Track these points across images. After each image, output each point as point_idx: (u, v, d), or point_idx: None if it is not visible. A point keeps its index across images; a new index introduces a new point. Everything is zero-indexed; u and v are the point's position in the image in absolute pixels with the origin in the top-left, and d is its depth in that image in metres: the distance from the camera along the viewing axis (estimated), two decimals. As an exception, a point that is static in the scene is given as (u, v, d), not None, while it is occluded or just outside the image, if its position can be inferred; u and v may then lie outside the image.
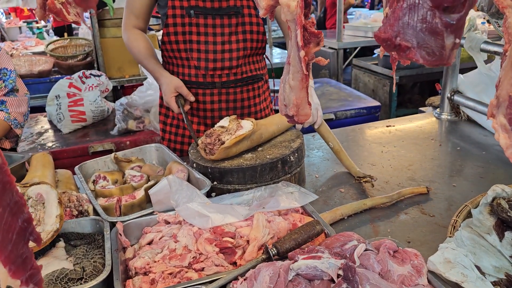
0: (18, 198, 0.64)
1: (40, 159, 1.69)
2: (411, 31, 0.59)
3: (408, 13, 0.59)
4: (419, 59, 0.59)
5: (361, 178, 1.74)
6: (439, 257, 1.12)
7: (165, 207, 1.43)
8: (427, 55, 0.59)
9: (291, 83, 0.96)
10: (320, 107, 1.84)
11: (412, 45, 0.59)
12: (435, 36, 0.59)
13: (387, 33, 0.59)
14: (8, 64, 2.14)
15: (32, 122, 3.60)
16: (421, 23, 0.58)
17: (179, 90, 1.94)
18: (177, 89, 1.94)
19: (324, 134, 1.88)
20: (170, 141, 2.21)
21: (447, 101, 2.42)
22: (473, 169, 1.86)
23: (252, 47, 2.03)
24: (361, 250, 1.13)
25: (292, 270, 1.07)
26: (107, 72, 4.26)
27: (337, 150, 1.86)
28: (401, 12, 0.59)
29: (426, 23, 0.58)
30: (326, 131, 1.87)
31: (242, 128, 1.59)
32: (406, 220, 1.51)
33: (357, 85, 5.24)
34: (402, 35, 0.59)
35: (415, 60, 0.60)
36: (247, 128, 1.59)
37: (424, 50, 0.59)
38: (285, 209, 1.40)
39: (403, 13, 0.59)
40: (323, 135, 1.88)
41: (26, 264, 0.65)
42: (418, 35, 0.59)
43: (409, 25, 0.59)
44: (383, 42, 0.60)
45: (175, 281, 1.14)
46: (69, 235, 1.40)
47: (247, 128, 1.59)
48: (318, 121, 1.83)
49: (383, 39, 0.59)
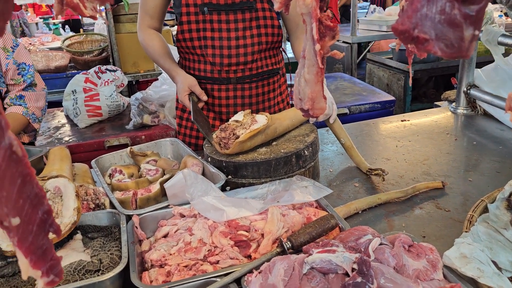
0: (38, 190, 0.65)
1: (58, 153, 1.71)
2: (429, 22, 0.58)
3: (426, 5, 0.58)
4: (437, 51, 0.59)
5: (372, 171, 1.73)
6: (455, 252, 1.11)
7: (180, 201, 1.44)
8: (446, 47, 0.59)
9: (306, 77, 0.96)
10: (334, 103, 1.84)
11: (431, 37, 0.58)
12: (454, 27, 0.58)
13: (405, 25, 0.59)
14: (27, 59, 2.17)
15: (50, 116, 3.65)
16: (439, 15, 0.58)
17: (192, 88, 1.95)
18: (190, 87, 1.95)
19: (337, 130, 1.87)
20: (185, 136, 2.23)
21: (463, 95, 2.39)
22: (489, 163, 1.84)
23: (268, 42, 2.02)
24: (376, 244, 1.12)
25: (306, 263, 1.07)
26: (122, 67, 4.30)
27: (348, 146, 1.86)
28: (419, 4, 0.58)
29: (445, 15, 0.58)
30: (339, 127, 1.87)
31: (257, 122, 1.60)
32: (421, 214, 1.50)
33: (371, 80, 5.20)
34: (420, 27, 0.59)
35: (434, 52, 0.59)
36: (261, 123, 1.60)
37: (443, 42, 0.58)
38: (300, 203, 1.40)
39: (421, 5, 0.58)
40: (335, 131, 1.88)
41: (47, 255, 0.66)
42: (437, 26, 0.58)
43: (427, 17, 0.58)
44: (400, 35, 0.59)
45: (190, 273, 1.15)
46: (86, 227, 1.43)
47: (261, 122, 1.60)
48: (333, 115, 1.82)
49: (401, 31, 0.59)
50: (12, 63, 2.10)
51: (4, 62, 2.07)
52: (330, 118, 1.82)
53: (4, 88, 2.12)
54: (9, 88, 2.14)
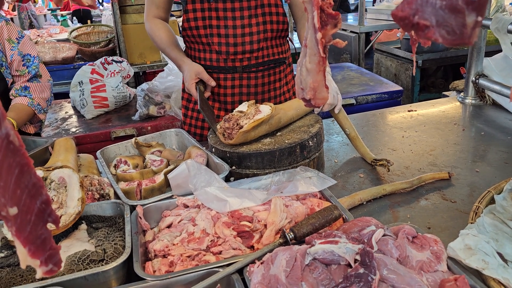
0: (36, 180, 0.65)
1: (63, 144, 1.72)
2: (430, 9, 0.57)
3: (427, -10, 0.57)
4: (438, 38, 0.57)
5: (377, 161, 1.72)
6: (459, 243, 1.10)
7: (184, 191, 1.44)
8: (447, 34, 0.57)
9: (307, 66, 0.94)
10: (339, 93, 1.82)
11: (431, 24, 0.57)
12: (455, 13, 0.56)
13: (405, 12, 0.57)
14: (32, 50, 2.17)
15: (57, 108, 3.67)
16: (440, 0, 0.56)
17: (199, 75, 1.94)
18: (197, 74, 1.94)
19: (342, 121, 1.86)
20: (191, 126, 2.23)
21: (471, 85, 2.36)
22: (497, 154, 1.81)
23: (273, 30, 2.00)
24: (379, 236, 1.11)
25: (309, 254, 1.06)
26: (129, 58, 4.31)
27: (353, 137, 1.84)
28: (420, -10, 0.57)
29: (446, 0, 0.56)
30: (344, 118, 1.85)
31: (261, 112, 1.59)
32: (427, 205, 1.49)
33: (379, 70, 5.14)
34: (421, 13, 0.57)
35: (434, 39, 0.58)
36: (265, 113, 1.59)
37: (444, 28, 0.57)
38: (303, 194, 1.39)
39: (421, -9, 0.57)
40: (340, 122, 1.86)
41: (45, 244, 0.66)
42: (438, 13, 0.57)
43: (428, 3, 0.57)
44: (400, 21, 0.58)
45: (193, 263, 1.15)
46: (91, 217, 1.44)
47: (265, 112, 1.59)
48: (338, 105, 1.80)
49: (400, 17, 0.57)
50: (17, 54, 2.10)
51: (9, 53, 2.08)
52: (335, 108, 1.80)
53: (10, 79, 2.13)
54: (14, 79, 2.15)
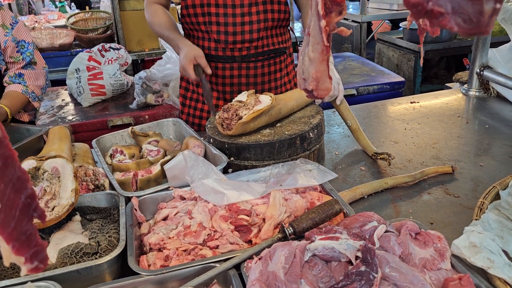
0: (20, 174, 0.61)
1: (57, 133, 1.68)
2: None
3: (443, -26, 0.52)
4: (453, 27, 0.53)
5: (378, 155, 1.68)
6: (464, 240, 1.06)
7: (181, 183, 1.41)
8: (463, 22, 0.53)
9: (310, 55, 0.90)
10: (341, 83, 1.77)
11: (446, 11, 0.52)
12: (472, 0, 0.52)
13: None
14: (26, 36, 2.12)
15: (53, 95, 3.62)
16: (457, -15, 0.52)
17: (198, 59, 1.84)
18: (196, 58, 1.84)
19: (343, 112, 1.82)
20: (189, 115, 2.19)
21: (475, 76, 2.31)
22: (501, 148, 1.77)
23: (274, 19, 1.95)
24: (381, 232, 1.08)
25: (308, 250, 1.03)
26: (127, 45, 4.24)
27: (355, 129, 1.80)
28: (435, -27, 0.52)
29: (463, -15, 0.52)
30: (345, 109, 1.81)
31: (261, 103, 1.54)
32: (429, 200, 1.45)
33: (380, 60, 5.08)
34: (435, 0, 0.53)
35: (449, 28, 0.53)
36: (265, 103, 1.54)
37: (460, 16, 0.53)
38: (303, 187, 1.35)
39: (437, -26, 0.52)
40: (342, 113, 1.82)
41: (31, 241, 0.63)
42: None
43: (444, -12, 0.52)
44: (413, 8, 0.54)
45: (189, 258, 1.12)
46: (85, 209, 1.40)
47: (265, 103, 1.54)
48: (340, 96, 1.76)
49: (413, 4, 0.53)
50: (11, 41, 2.05)
51: (2, 39, 2.02)
52: (337, 99, 1.76)
53: (3, 66, 2.08)
54: (8, 66, 2.10)
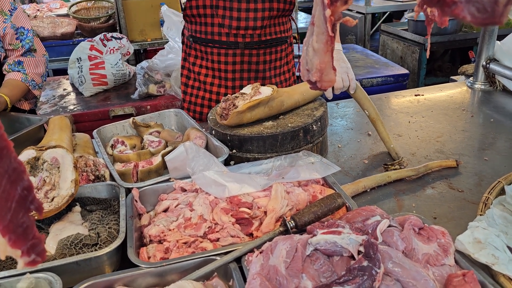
0: (17, 165, 0.60)
1: (58, 122, 1.66)
2: (458, -18, 0.50)
3: (456, -39, 0.50)
4: (466, 16, 0.51)
5: (388, 166, 1.60)
6: (468, 236, 1.05)
7: (182, 174, 1.39)
8: (477, 11, 0.51)
9: (314, 46, 0.88)
10: (351, 71, 1.71)
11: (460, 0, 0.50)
12: (486, -12, 0.50)
13: (430, -15, 0.51)
14: (26, 23, 2.09)
15: (55, 84, 3.60)
16: (470, -27, 0.50)
17: None
18: None
19: (360, 101, 1.73)
20: (190, 104, 2.18)
21: (481, 69, 2.28)
22: (507, 142, 1.75)
23: (279, 8, 1.94)
24: (384, 226, 1.07)
25: (310, 244, 1.02)
26: (129, 35, 4.21)
27: (374, 118, 1.71)
28: (448, -40, 0.50)
29: (477, -27, 0.49)
30: (363, 97, 1.72)
31: (260, 94, 1.52)
32: (433, 194, 1.43)
33: (384, 52, 5.04)
34: (448, -13, 0.50)
35: (462, 17, 0.51)
36: (264, 94, 1.52)
37: (474, 5, 0.50)
38: (305, 180, 1.34)
39: (449, -39, 0.50)
40: (359, 101, 1.73)
41: (27, 233, 0.62)
42: (467, -13, 0.50)
43: (456, -25, 0.50)
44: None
45: (189, 251, 1.11)
46: (85, 199, 1.39)
47: (264, 94, 1.52)
48: (352, 85, 1.69)
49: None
50: (10, 27, 2.02)
51: (1, 26, 2.00)
52: (349, 88, 1.70)
53: (2, 53, 2.06)
54: (8, 53, 2.08)
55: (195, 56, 2.08)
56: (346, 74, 1.68)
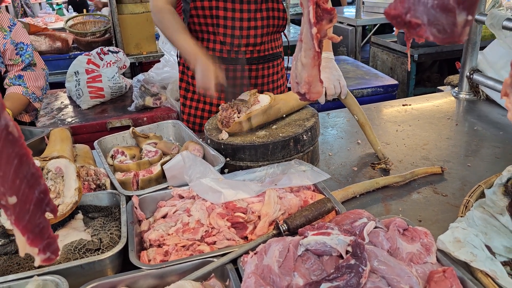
0: (34, 170, 0.66)
1: (59, 134, 1.72)
2: (422, 7, 0.58)
3: (419, -10, 0.58)
4: (429, 37, 0.59)
5: (375, 165, 1.71)
6: (449, 236, 1.12)
7: (179, 182, 1.46)
8: (438, 32, 0.59)
9: (303, 61, 0.96)
10: (342, 78, 1.80)
11: (423, 22, 0.58)
12: (446, 13, 0.58)
13: (397, 10, 0.59)
14: (25, 38, 2.16)
15: (52, 97, 3.67)
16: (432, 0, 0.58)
17: (220, 79, 1.73)
18: (218, 78, 1.73)
19: (350, 106, 1.83)
20: (189, 115, 2.24)
21: (465, 80, 2.38)
22: (489, 149, 1.84)
23: (275, 25, 2.05)
24: (371, 228, 1.14)
25: (301, 245, 1.08)
26: (125, 48, 4.29)
27: (362, 123, 1.81)
28: (412, -11, 0.58)
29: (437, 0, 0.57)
30: (353, 103, 1.82)
31: (259, 102, 1.61)
32: (418, 199, 1.51)
33: (375, 63, 5.15)
34: (413, 12, 0.58)
35: (426, 37, 0.59)
36: (264, 103, 1.61)
37: (435, 27, 0.58)
38: (297, 186, 1.41)
39: (413, -10, 0.58)
40: (349, 107, 1.84)
41: (43, 233, 0.68)
42: (429, 11, 0.58)
43: (420, 2, 0.58)
44: (393, 19, 0.59)
45: (187, 253, 1.17)
46: (87, 207, 1.45)
47: (264, 102, 1.61)
48: (343, 91, 1.79)
49: (393, 16, 0.59)
50: (10, 43, 2.09)
51: (1, 42, 2.07)
52: (341, 94, 1.79)
53: (3, 68, 2.12)
54: (8, 68, 2.15)
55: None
56: (338, 82, 1.77)
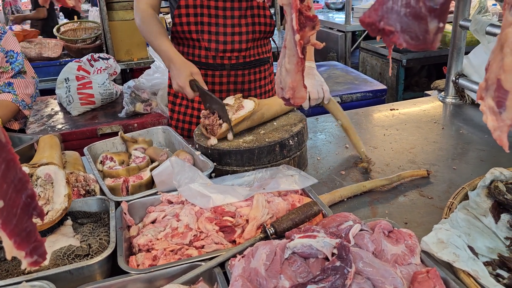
0: (21, 175, 0.68)
1: (48, 141, 1.73)
2: (395, 15, 0.61)
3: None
4: (402, 43, 0.61)
5: (357, 163, 1.75)
6: (432, 237, 1.14)
7: (168, 188, 1.47)
8: (411, 39, 0.61)
9: (287, 67, 0.98)
10: (325, 84, 1.83)
11: (396, 29, 0.61)
12: (418, 20, 0.60)
13: (371, 18, 0.61)
14: (15, 46, 2.17)
15: (43, 104, 3.66)
16: (404, 8, 0.60)
17: (195, 76, 1.81)
18: (193, 74, 1.81)
19: (333, 111, 1.86)
20: (178, 120, 2.26)
21: (451, 84, 2.42)
22: (474, 152, 1.87)
23: (261, 31, 2.06)
24: (356, 230, 1.15)
25: (288, 248, 1.10)
26: (116, 55, 4.30)
27: (346, 127, 1.84)
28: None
29: (410, 8, 0.60)
30: (335, 109, 1.85)
31: (244, 108, 1.62)
32: (405, 202, 1.53)
33: (364, 68, 5.21)
34: (386, 20, 0.61)
35: (399, 44, 0.62)
36: (248, 109, 1.62)
37: (408, 34, 0.61)
38: (285, 190, 1.43)
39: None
40: (333, 112, 1.86)
41: (30, 237, 0.69)
42: (402, 19, 0.60)
43: (393, 10, 0.61)
44: (367, 27, 0.62)
45: (176, 257, 1.18)
46: (76, 213, 1.45)
47: (248, 108, 1.63)
48: (326, 96, 1.81)
49: (367, 23, 0.61)
50: (0, 51, 2.10)
51: None
52: (324, 99, 1.82)
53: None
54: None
55: None
56: (321, 87, 1.80)
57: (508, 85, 0.77)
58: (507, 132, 0.84)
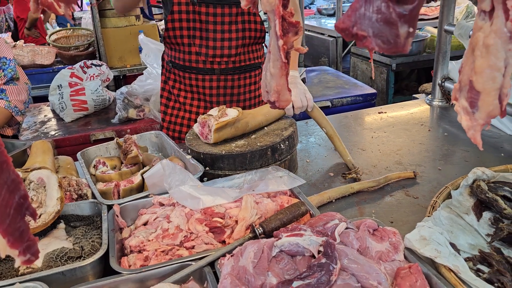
0: (15, 176, 0.71)
1: (40, 146, 1.75)
2: (367, 21, 0.65)
3: (364, 5, 0.64)
4: (375, 47, 0.65)
5: (346, 175, 1.77)
6: (415, 234, 1.18)
7: (160, 190, 1.50)
8: (383, 43, 0.65)
9: (271, 71, 1.02)
10: (308, 92, 1.86)
11: (368, 34, 0.65)
12: (389, 25, 0.64)
13: (345, 23, 0.65)
14: (7, 53, 2.20)
15: (36, 111, 3.68)
16: (376, 14, 0.64)
17: None
18: None
19: (318, 119, 1.89)
20: (170, 123, 2.31)
21: (438, 87, 2.47)
22: (459, 153, 1.92)
23: (251, 37, 2.11)
24: (342, 229, 1.19)
25: (276, 247, 1.13)
26: (109, 61, 4.33)
27: (331, 135, 1.87)
28: (358, 4, 0.65)
29: (381, 14, 0.64)
30: (320, 116, 1.89)
31: (227, 115, 1.65)
32: (391, 201, 1.57)
33: (355, 73, 5.27)
34: (359, 25, 0.65)
35: (372, 48, 0.65)
36: (231, 116, 1.65)
37: (380, 38, 0.65)
38: (274, 192, 1.46)
39: (359, 5, 0.65)
40: (317, 120, 1.90)
41: (23, 236, 0.72)
42: (374, 25, 0.64)
43: (365, 16, 0.65)
44: (342, 32, 0.66)
45: (167, 258, 1.21)
46: (69, 217, 1.48)
47: (231, 115, 1.65)
48: (309, 104, 1.85)
49: (342, 28, 0.65)
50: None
51: None
52: (308, 107, 1.86)
53: (-16, 82, 2.15)
54: None
55: (174, 80, 2.23)
56: (304, 95, 1.83)
57: (480, 86, 0.81)
58: (480, 131, 0.88)
